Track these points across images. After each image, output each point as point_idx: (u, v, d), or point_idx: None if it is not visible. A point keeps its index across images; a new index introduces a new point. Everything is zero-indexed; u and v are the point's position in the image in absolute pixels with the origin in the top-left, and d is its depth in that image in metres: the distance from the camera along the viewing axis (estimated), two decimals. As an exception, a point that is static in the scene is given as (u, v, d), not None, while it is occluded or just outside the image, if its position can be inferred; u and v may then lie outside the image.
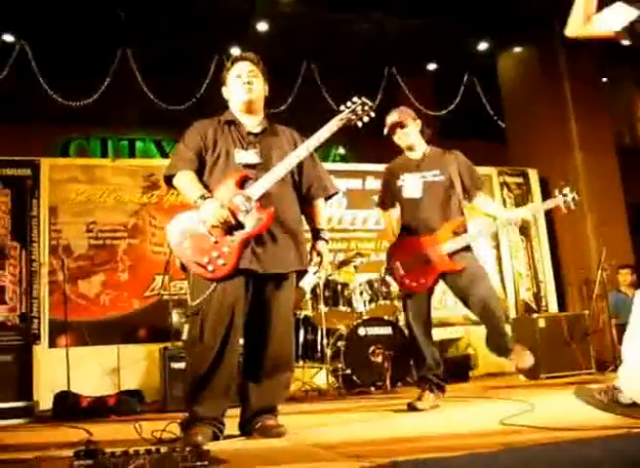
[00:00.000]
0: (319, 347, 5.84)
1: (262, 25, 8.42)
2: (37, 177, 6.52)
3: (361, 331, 5.63)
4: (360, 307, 5.84)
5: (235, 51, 8.10)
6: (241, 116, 3.30)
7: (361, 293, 5.88)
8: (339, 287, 5.92)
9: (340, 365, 5.51)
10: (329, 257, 3.47)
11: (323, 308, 5.72)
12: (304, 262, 3.26)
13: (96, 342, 6.32)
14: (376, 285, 5.91)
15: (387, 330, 5.69)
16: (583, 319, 6.19)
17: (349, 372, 5.48)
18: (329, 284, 5.91)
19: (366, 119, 3.24)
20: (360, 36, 8.64)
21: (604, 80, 9.90)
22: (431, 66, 9.96)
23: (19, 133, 8.89)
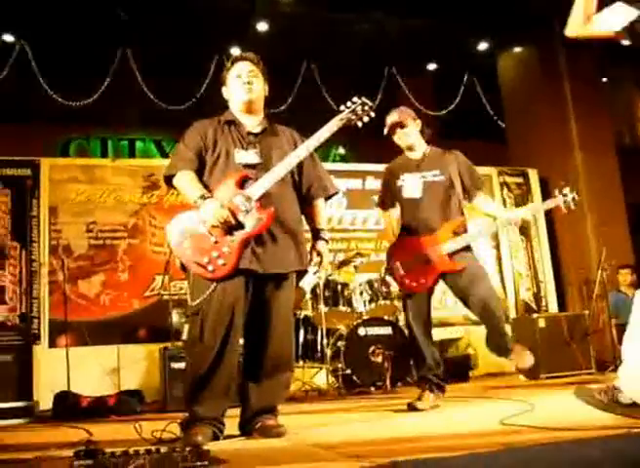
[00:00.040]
0: (319, 347, 5.84)
1: (262, 25, 8.42)
2: (37, 177, 6.52)
3: (361, 331, 5.63)
4: (360, 307, 5.85)
5: (235, 51, 8.10)
6: (241, 116, 3.30)
7: (361, 293, 5.89)
8: (339, 287, 5.93)
9: (340, 365, 5.51)
10: (329, 257, 3.47)
11: (323, 308, 5.73)
12: (304, 262, 3.26)
13: (96, 342, 6.32)
14: (376, 285, 5.91)
15: (387, 330, 5.69)
16: (583, 319, 6.19)
17: (349, 372, 5.48)
18: (329, 284, 5.91)
19: (366, 119, 3.24)
20: (360, 36, 8.63)
21: (604, 80, 9.90)
22: (431, 66, 9.95)
23: (19, 133, 8.89)
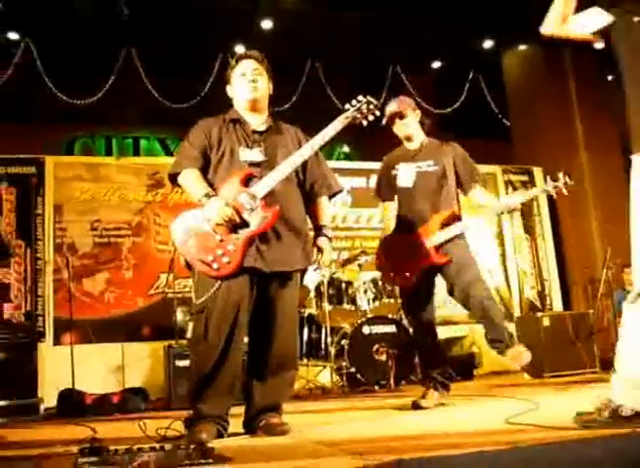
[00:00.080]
0: (323, 345, 5.84)
1: (267, 23, 8.40)
2: (42, 176, 6.53)
3: (365, 330, 5.64)
4: (364, 305, 5.85)
5: (239, 49, 8.10)
6: (246, 114, 3.30)
7: (365, 292, 5.89)
8: (343, 285, 5.93)
9: (345, 363, 5.51)
10: (330, 254, 3.46)
11: (327, 306, 5.73)
12: (310, 261, 3.26)
13: (100, 340, 6.32)
14: (380, 283, 5.91)
15: (391, 328, 5.69)
16: (588, 318, 6.18)
17: (353, 371, 5.48)
18: (333, 282, 5.92)
19: (371, 118, 3.24)
20: (364, 34, 8.61)
21: (609, 78, 9.86)
22: (436, 64, 9.93)
23: (24, 131, 8.88)
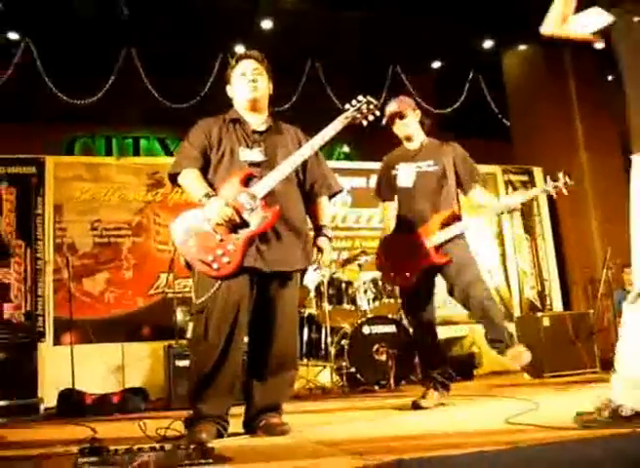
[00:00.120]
0: (323, 345, 5.84)
1: (267, 23, 8.40)
2: (42, 175, 6.53)
3: (365, 330, 5.63)
4: (364, 305, 5.85)
5: (239, 49, 8.09)
6: (246, 114, 3.30)
7: (365, 292, 5.89)
8: (343, 285, 5.93)
9: (345, 363, 5.51)
10: (330, 254, 3.46)
11: (327, 306, 5.73)
12: (310, 261, 3.26)
13: (100, 340, 6.32)
14: (380, 283, 5.91)
15: (391, 328, 5.69)
16: (588, 318, 6.18)
17: (353, 371, 5.48)
18: (333, 282, 5.92)
19: (371, 118, 3.24)
20: (364, 34, 8.61)
21: (609, 78, 9.86)
22: (436, 64, 9.93)
23: (24, 131, 8.88)
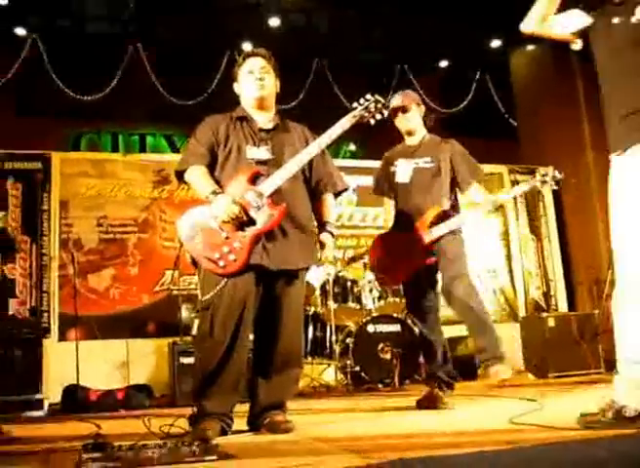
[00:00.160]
0: (328, 344, 5.84)
1: (274, 21, 8.40)
2: (48, 171, 6.52)
3: (370, 328, 5.63)
4: (369, 304, 5.84)
5: (247, 46, 8.09)
6: (253, 112, 3.30)
7: (370, 290, 5.88)
8: (348, 283, 5.93)
9: (349, 361, 5.51)
10: (333, 251, 3.46)
11: (332, 305, 5.73)
12: (315, 259, 3.26)
13: (105, 336, 6.33)
14: (385, 282, 5.90)
15: (396, 327, 5.68)
16: (593, 318, 6.16)
17: (358, 369, 5.48)
18: (338, 280, 5.91)
19: (379, 117, 3.23)
20: (371, 33, 8.61)
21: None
22: (443, 64, 9.91)
23: (30, 127, 8.90)
